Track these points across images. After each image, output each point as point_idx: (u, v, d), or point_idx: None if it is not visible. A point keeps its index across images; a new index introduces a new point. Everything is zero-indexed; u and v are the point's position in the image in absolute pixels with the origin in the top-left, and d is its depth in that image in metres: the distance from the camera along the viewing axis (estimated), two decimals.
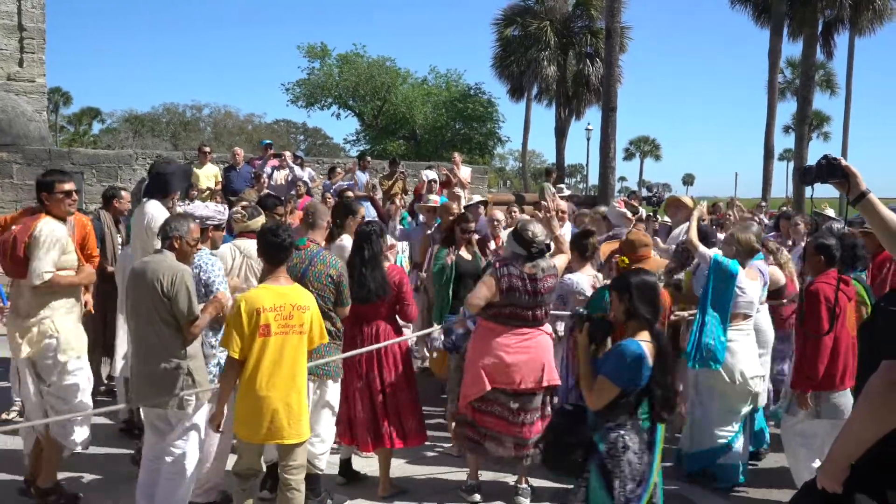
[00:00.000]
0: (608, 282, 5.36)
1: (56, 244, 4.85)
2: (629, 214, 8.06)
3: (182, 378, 4.48)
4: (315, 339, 4.42)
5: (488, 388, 5.06)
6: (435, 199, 8.61)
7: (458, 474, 5.70)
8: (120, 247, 7.19)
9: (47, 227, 4.86)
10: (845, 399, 5.05)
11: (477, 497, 5.35)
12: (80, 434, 5.11)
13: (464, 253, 6.63)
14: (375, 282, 5.23)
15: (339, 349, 5.18)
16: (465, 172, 13.19)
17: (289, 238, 4.36)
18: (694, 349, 5.60)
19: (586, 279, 5.84)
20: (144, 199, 5.82)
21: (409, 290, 5.44)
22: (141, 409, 4.94)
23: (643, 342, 3.88)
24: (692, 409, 5.86)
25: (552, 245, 5.23)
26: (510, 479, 5.61)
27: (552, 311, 5.47)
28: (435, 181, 11.49)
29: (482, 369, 5.06)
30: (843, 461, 2.46)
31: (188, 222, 4.67)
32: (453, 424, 5.61)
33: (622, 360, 3.86)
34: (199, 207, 5.42)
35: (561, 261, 5.28)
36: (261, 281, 4.58)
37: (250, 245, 5.32)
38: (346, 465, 5.66)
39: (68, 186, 5.04)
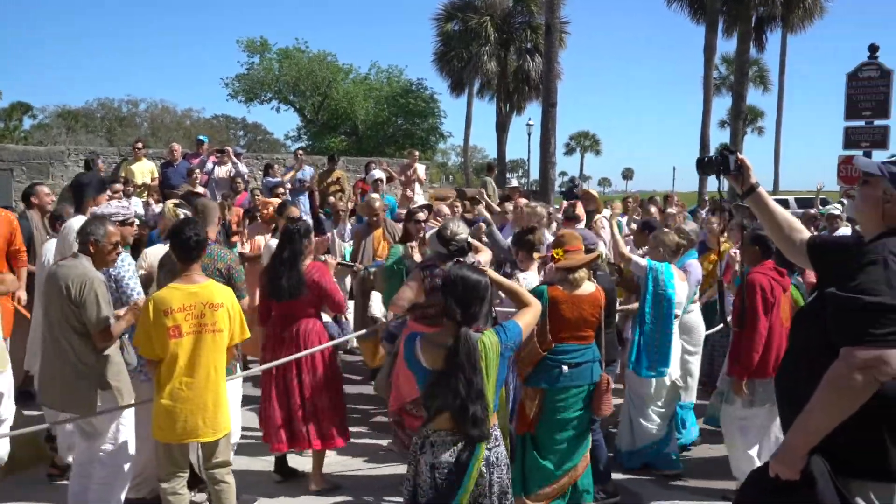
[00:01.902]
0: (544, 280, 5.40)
1: None
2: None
3: (93, 385, 4.34)
4: (236, 334, 4.33)
5: (416, 393, 5.03)
6: (378, 198, 8.57)
7: (401, 469, 5.64)
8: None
9: None
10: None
11: None
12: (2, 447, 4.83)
13: (416, 254, 6.64)
14: (290, 281, 5.18)
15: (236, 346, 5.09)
16: (420, 170, 13.66)
17: (195, 235, 4.26)
18: (642, 358, 5.71)
19: (536, 277, 5.83)
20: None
21: (330, 284, 5.38)
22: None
23: (422, 340, 3.45)
24: (628, 409, 5.95)
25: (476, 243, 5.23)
26: None
27: (500, 309, 5.45)
28: (381, 181, 11.50)
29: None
30: (802, 449, 2.43)
31: (105, 225, 4.54)
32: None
33: (407, 349, 3.50)
34: (103, 206, 5.29)
35: (485, 258, 5.26)
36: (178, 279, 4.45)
37: None
38: (281, 462, 5.59)
39: None
